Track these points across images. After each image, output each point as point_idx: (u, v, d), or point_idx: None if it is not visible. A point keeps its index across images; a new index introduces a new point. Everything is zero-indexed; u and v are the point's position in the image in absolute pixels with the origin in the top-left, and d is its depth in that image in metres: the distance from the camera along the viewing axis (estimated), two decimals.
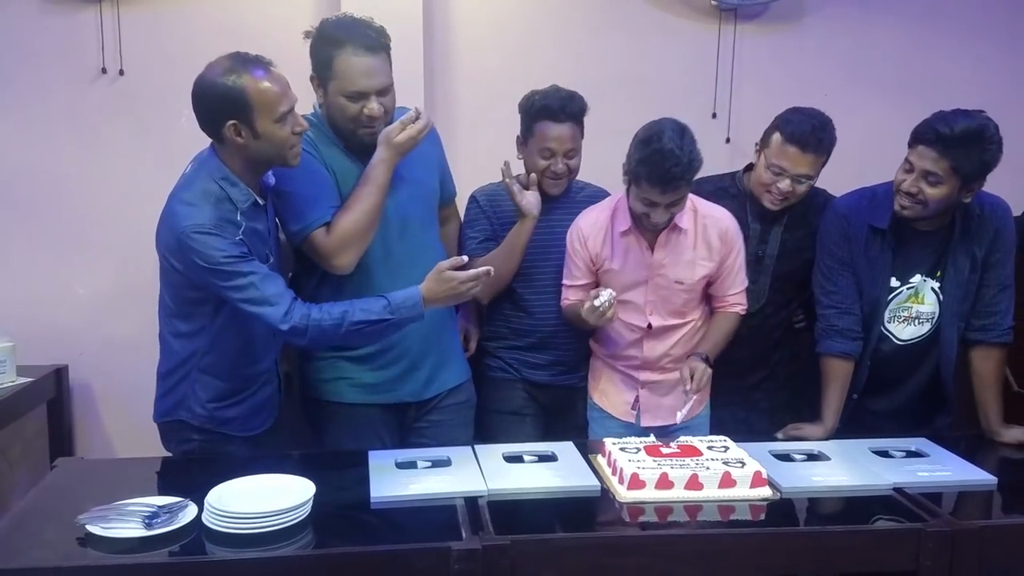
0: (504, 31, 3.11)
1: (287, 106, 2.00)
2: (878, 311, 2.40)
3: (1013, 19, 3.36)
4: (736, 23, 3.17)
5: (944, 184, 2.21)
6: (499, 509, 1.86)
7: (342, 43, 2.13)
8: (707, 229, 2.42)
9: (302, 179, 2.20)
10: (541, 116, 2.45)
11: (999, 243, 2.37)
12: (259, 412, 2.25)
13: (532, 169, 2.50)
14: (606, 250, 2.44)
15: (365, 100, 2.17)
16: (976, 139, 2.18)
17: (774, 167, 2.44)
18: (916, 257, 2.38)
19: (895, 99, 3.27)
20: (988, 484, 2.06)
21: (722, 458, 2.03)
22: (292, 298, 2.02)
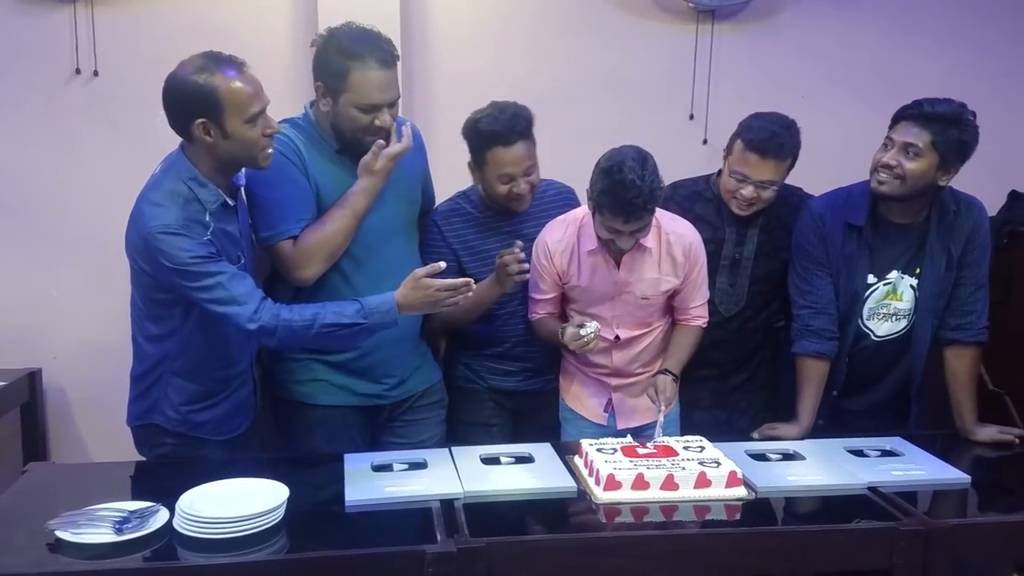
0: (482, 34, 3.11)
1: (259, 107, 1.99)
2: (856, 307, 2.42)
3: (988, 19, 3.39)
4: (713, 25, 3.17)
5: (923, 158, 2.26)
6: (475, 511, 1.86)
7: (360, 57, 2.13)
8: (671, 245, 2.42)
9: (277, 186, 2.19)
10: (491, 143, 2.35)
11: (975, 242, 2.39)
12: (234, 415, 2.23)
13: (493, 195, 2.45)
14: (572, 267, 2.44)
15: (377, 112, 2.17)
16: (956, 118, 2.27)
17: (736, 174, 2.45)
18: (893, 253, 2.40)
19: (872, 99, 3.27)
20: (962, 483, 2.07)
21: (698, 458, 2.04)
22: (261, 298, 2.01)
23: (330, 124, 2.24)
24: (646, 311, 2.49)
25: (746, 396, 2.72)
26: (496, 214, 2.50)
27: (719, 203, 2.58)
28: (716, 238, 2.55)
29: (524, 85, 2.55)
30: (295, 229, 2.20)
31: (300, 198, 2.22)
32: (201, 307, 2.00)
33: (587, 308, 2.49)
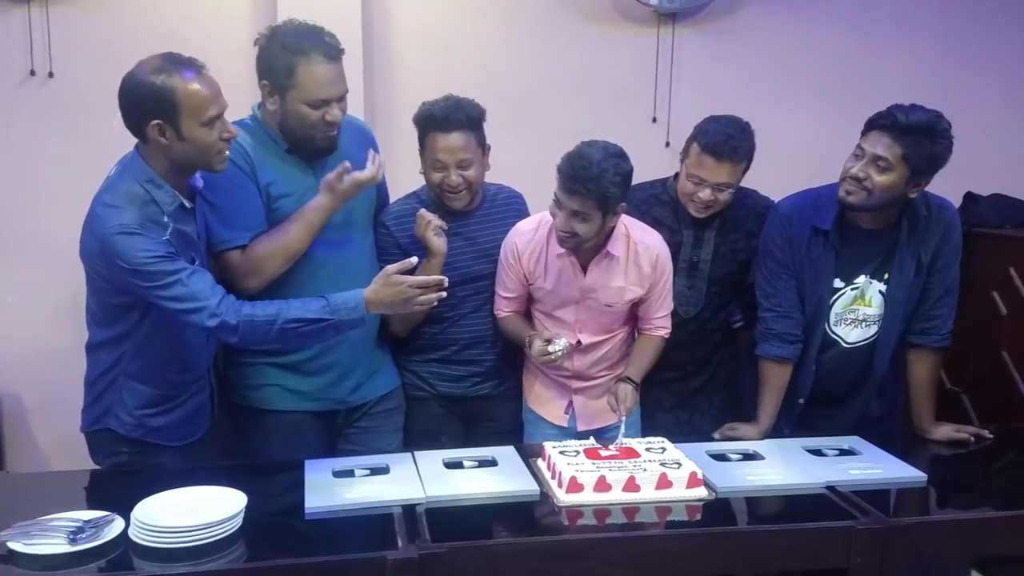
0: (444, 35, 3.10)
1: (216, 110, 1.97)
2: (822, 312, 2.41)
3: (945, 20, 3.44)
4: (674, 28, 3.20)
5: (892, 171, 2.21)
6: (437, 516, 1.85)
7: (306, 52, 2.12)
8: (639, 255, 2.44)
9: (227, 194, 2.17)
10: (429, 127, 2.37)
11: (946, 247, 2.36)
12: (190, 421, 2.20)
13: (428, 183, 2.45)
14: (539, 268, 2.44)
15: (327, 107, 2.16)
16: (930, 131, 2.20)
17: (693, 177, 2.46)
18: (861, 258, 2.38)
19: (831, 100, 3.34)
20: (918, 481, 2.10)
21: (659, 459, 2.05)
22: (223, 294, 1.98)
23: (278, 124, 2.21)
24: (609, 318, 2.50)
25: (707, 397, 2.75)
26: (448, 212, 2.48)
27: (676, 206, 2.60)
28: (674, 241, 2.57)
29: (486, 87, 2.55)
30: (244, 238, 2.18)
31: (250, 207, 2.20)
32: (160, 307, 1.96)
33: (552, 311, 2.50)
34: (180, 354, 2.13)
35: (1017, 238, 3.11)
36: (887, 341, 2.42)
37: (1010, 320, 3.05)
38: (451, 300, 2.50)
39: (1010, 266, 3.04)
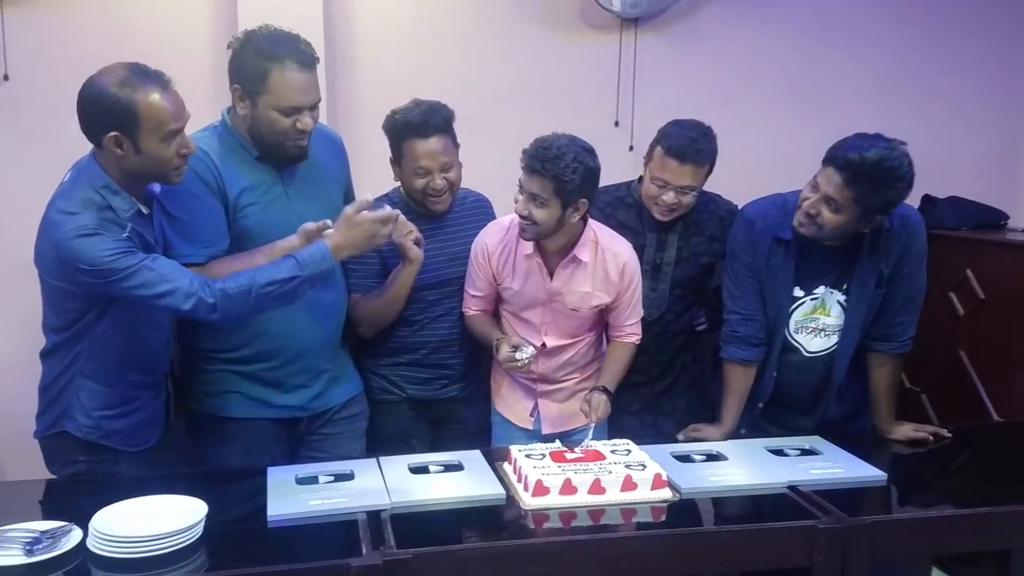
0: (406, 39, 3.09)
1: (177, 125, 1.94)
2: (782, 320, 2.42)
3: (901, 24, 3.51)
4: (636, 33, 3.22)
5: (843, 213, 2.19)
6: (402, 522, 1.84)
7: (279, 58, 2.09)
8: (606, 262, 2.45)
9: (187, 208, 2.14)
10: (407, 134, 2.37)
11: (907, 257, 2.36)
12: (145, 426, 2.16)
13: (410, 191, 2.45)
14: (507, 269, 2.45)
15: (298, 115, 2.14)
16: (887, 177, 2.13)
17: (657, 180, 2.49)
18: (821, 268, 2.38)
19: (790, 106, 3.38)
20: (878, 480, 2.13)
21: (624, 461, 2.06)
22: (191, 273, 1.96)
23: (248, 129, 2.19)
24: (575, 322, 2.51)
25: (672, 400, 2.77)
26: (420, 216, 2.48)
27: (640, 209, 2.62)
28: (637, 243, 2.59)
29: (449, 90, 2.54)
30: (199, 256, 2.15)
31: (210, 222, 2.17)
32: (132, 299, 1.92)
33: (519, 312, 2.51)
34: (139, 354, 2.10)
35: (973, 240, 3.17)
36: (846, 351, 2.43)
37: (967, 320, 3.11)
38: (421, 304, 2.51)
39: (967, 267, 3.10)
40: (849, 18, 3.46)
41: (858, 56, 3.47)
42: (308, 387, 2.36)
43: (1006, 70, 3.68)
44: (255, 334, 2.26)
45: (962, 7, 3.58)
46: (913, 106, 3.52)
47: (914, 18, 3.53)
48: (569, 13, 3.19)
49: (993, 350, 3.01)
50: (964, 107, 3.64)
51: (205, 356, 2.30)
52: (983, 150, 3.69)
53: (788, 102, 3.38)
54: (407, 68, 3.07)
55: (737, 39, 3.34)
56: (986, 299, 3.04)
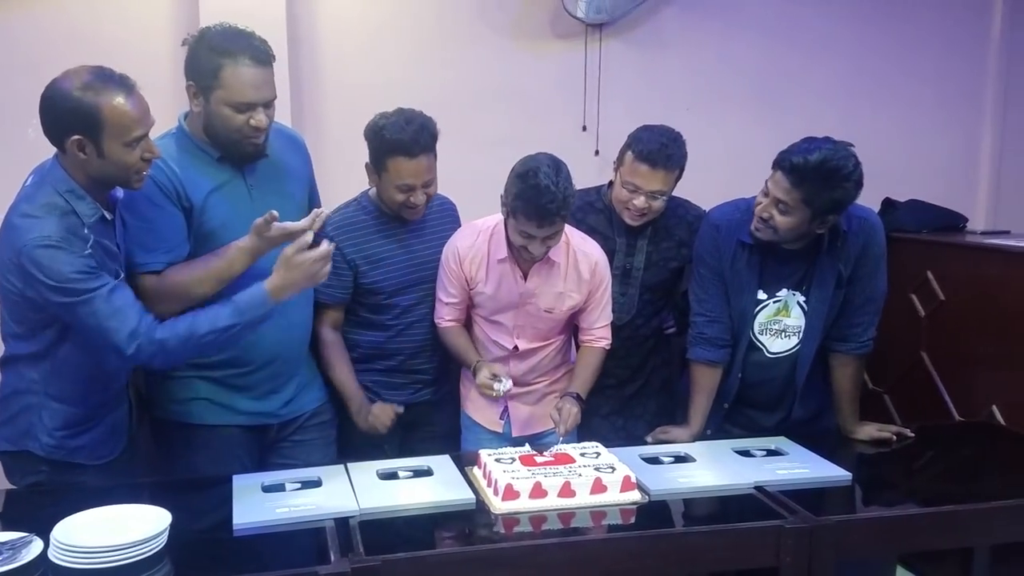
0: (374, 43, 3.08)
1: (141, 131, 1.92)
2: (746, 321, 2.45)
3: (862, 31, 3.57)
4: (601, 39, 3.24)
5: (793, 214, 2.23)
6: (371, 528, 1.82)
7: (232, 54, 2.07)
8: (578, 262, 2.46)
9: (145, 217, 2.11)
10: (395, 151, 2.33)
11: (865, 259, 2.39)
12: (109, 438, 2.12)
13: (388, 201, 2.42)
14: (480, 274, 2.45)
15: (252, 111, 2.11)
16: (831, 176, 2.18)
17: (628, 185, 2.50)
18: (782, 272, 2.41)
19: (753, 111, 3.42)
20: (843, 480, 2.15)
21: (594, 464, 2.06)
22: (140, 316, 1.92)
23: (203, 127, 2.16)
24: (547, 324, 2.51)
25: (642, 403, 2.78)
26: (392, 219, 2.48)
27: (610, 214, 2.63)
28: (607, 248, 2.60)
29: (415, 94, 2.53)
30: (157, 264, 2.12)
31: (169, 231, 2.14)
32: (79, 324, 1.90)
33: (491, 315, 2.50)
34: (102, 372, 2.06)
35: (934, 242, 3.22)
36: (808, 352, 2.46)
37: (928, 322, 3.16)
38: (395, 310, 2.50)
39: (927, 269, 3.15)
40: (811, 23, 3.51)
41: (820, 61, 3.52)
42: (278, 393, 2.34)
43: (965, 75, 3.76)
44: None
45: (921, 13, 3.65)
46: (874, 110, 3.58)
47: (875, 23, 3.59)
48: (535, 19, 3.20)
49: (954, 351, 3.06)
50: (924, 112, 3.71)
51: None
52: (943, 154, 3.76)
53: (752, 107, 3.42)
54: (373, 72, 3.06)
55: (701, 45, 3.38)
56: (946, 301, 3.09)
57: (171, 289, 2.12)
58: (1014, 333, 2.81)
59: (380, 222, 2.48)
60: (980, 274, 2.99)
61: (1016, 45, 3.78)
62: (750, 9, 3.44)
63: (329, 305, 2.47)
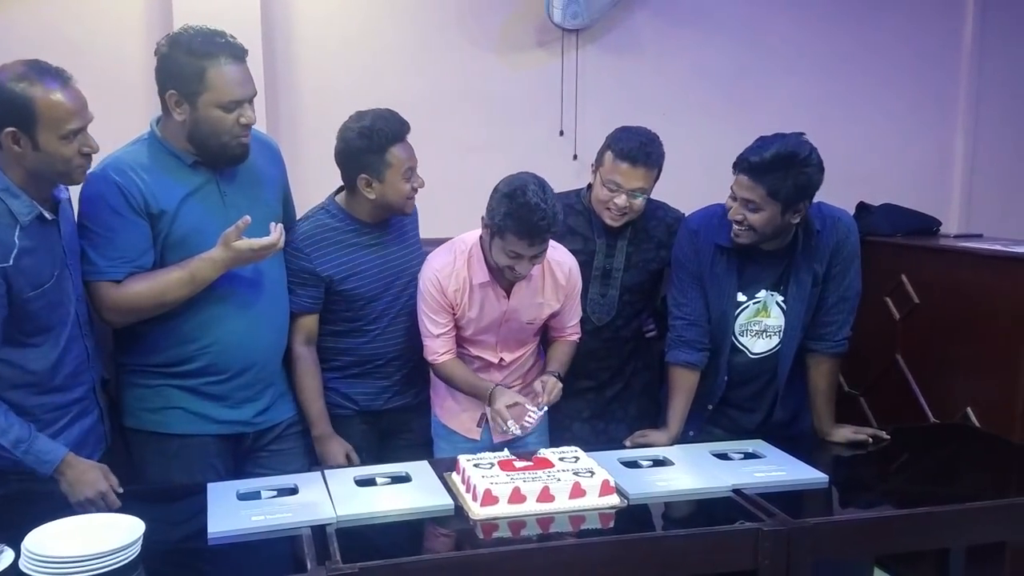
0: (350, 47, 3.08)
1: (78, 124, 1.90)
2: (727, 324, 2.47)
3: (833, 40, 3.61)
4: (578, 44, 3.25)
5: (763, 210, 2.27)
6: (349, 536, 1.81)
7: (213, 55, 2.05)
8: (554, 272, 2.47)
9: (106, 224, 2.09)
10: (390, 142, 2.33)
11: (838, 257, 2.43)
12: (79, 448, 2.06)
13: (396, 195, 2.39)
14: (464, 299, 2.42)
15: (240, 108, 2.10)
16: (788, 163, 2.23)
17: (609, 183, 2.51)
18: (761, 273, 2.45)
19: (728, 116, 3.45)
20: (820, 482, 2.16)
21: (572, 468, 2.06)
22: None
23: (187, 135, 2.14)
24: (527, 333, 2.53)
25: (623, 406, 2.79)
26: (363, 225, 2.46)
27: (590, 215, 2.64)
28: (587, 249, 2.61)
29: (393, 99, 2.52)
30: (117, 273, 2.10)
31: (129, 241, 2.11)
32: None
33: (474, 335, 2.48)
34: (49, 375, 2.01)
35: (907, 246, 3.25)
36: (788, 352, 2.49)
37: (903, 325, 3.19)
38: (372, 314, 2.48)
39: (902, 273, 3.18)
40: (785, 30, 3.55)
41: (794, 67, 3.56)
42: (254, 402, 2.31)
43: (937, 81, 3.81)
44: (201, 348, 2.21)
45: (894, 20, 3.70)
46: (848, 116, 3.62)
47: (848, 30, 3.63)
48: (513, 25, 3.21)
49: (928, 353, 3.09)
50: (897, 117, 3.75)
51: (145, 371, 2.24)
52: (916, 159, 3.81)
53: (726, 112, 3.45)
54: (349, 77, 3.06)
55: (676, 51, 3.40)
56: (920, 304, 3.12)
57: (129, 299, 2.10)
58: (988, 335, 2.84)
59: (351, 229, 2.46)
60: (954, 277, 3.02)
61: (987, 51, 3.84)
62: (724, 16, 3.47)
63: (302, 314, 2.44)
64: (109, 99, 2.27)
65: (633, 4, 3.34)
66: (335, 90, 3.01)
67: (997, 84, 3.90)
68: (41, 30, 2.77)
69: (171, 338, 2.21)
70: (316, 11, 3.04)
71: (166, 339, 2.20)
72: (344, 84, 3.03)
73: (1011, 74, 3.93)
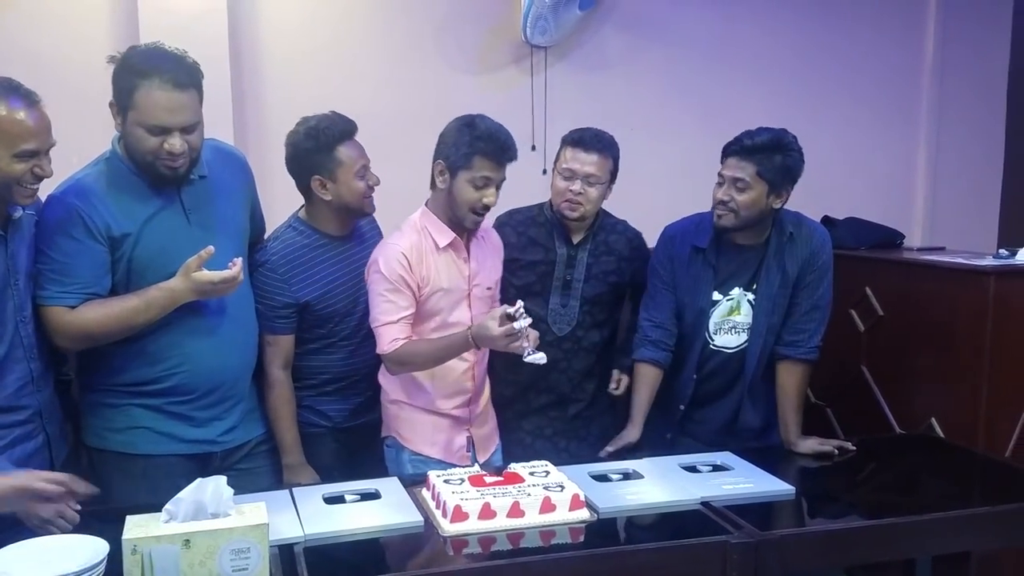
0: (319, 60, 3.08)
1: (34, 145, 1.88)
2: (703, 321, 2.58)
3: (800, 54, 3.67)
4: (547, 60, 3.27)
5: (751, 189, 2.42)
6: (317, 555, 1.79)
7: (147, 75, 2.02)
8: (489, 233, 2.57)
9: (62, 249, 2.06)
10: (339, 140, 2.38)
11: (812, 265, 2.53)
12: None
13: (353, 195, 2.40)
14: (430, 270, 2.38)
15: (166, 135, 2.05)
16: (776, 146, 2.43)
17: (564, 171, 2.59)
18: (735, 272, 2.57)
19: (695, 130, 3.48)
20: (788, 494, 2.17)
21: (543, 483, 2.05)
22: None
23: (125, 147, 2.12)
24: (488, 306, 2.51)
25: (586, 425, 2.79)
26: (331, 240, 2.46)
27: (551, 227, 2.69)
28: (548, 259, 2.66)
29: (363, 112, 2.52)
30: (70, 299, 2.07)
31: (85, 267, 2.08)
32: None
33: (447, 318, 2.42)
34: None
35: (872, 259, 3.30)
36: (755, 349, 2.57)
37: (868, 336, 3.23)
38: (346, 330, 2.47)
39: (866, 285, 3.22)
40: (750, 45, 3.60)
41: (760, 81, 3.60)
42: (221, 420, 2.28)
43: (900, 96, 3.88)
44: (169, 369, 2.18)
45: (858, 35, 3.76)
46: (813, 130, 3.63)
47: (813, 45, 3.70)
48: (484, 41, 3.23)
49: (893, 365, 3.13)
50: (861, 132, 3.82)
51: (110, 391, 2.21)
52: (880, 173, 3.88)
53: (693, 126, 3.49)
54: (318, 89, 3.06)
55: (644, 66, 3.44)
56: (885, 316, 3.16)
57: (81, 325, 2.07)
58: (951, 347, 2.88)
59: (320, 245, 2.45)
60: (917, 289, 3.07)
61: (949, 66, 3.91)
62: (691, 32, 3.51)
63: (278, 336, 2.42)
64: (73, 113, 2.25)
65: (601, 21, 3.38)
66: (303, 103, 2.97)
67: (959, 99, 3.98)
68: (3, 42, 2.74)
69: (137, 358, 2.18)
70: (285, 24, 3.04)
71: (132, 359, 2.17)
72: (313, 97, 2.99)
73: (973, 88, 4.01)
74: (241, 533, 1.65)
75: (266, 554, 1.67)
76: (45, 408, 2.12)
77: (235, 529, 1.65)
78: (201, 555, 1.63)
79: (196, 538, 1.63)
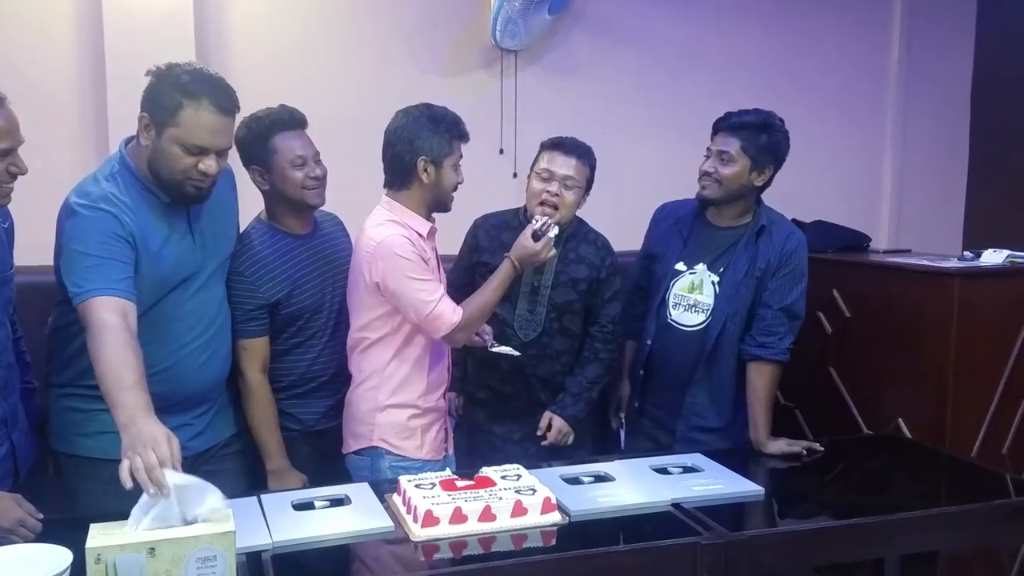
0: (286, 61, 3.06)
1: (7, 144, 1.87)
2: (664, 287, 2.69)
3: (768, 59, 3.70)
4: (517, 64, 3.27)
5: (736, 163, 2.55)
6: (285, 562, 1.77)
7: (196, 96, 2.00)
8: None
9: (95, 242, 2.00)
10: (275, 130, 2.38)
11: (784, 267, 2.58)
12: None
13: (288, 185, 2.38)
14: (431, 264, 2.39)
15: (203, 156, 2.05)
16: (762, 125, 2.58)
17: (543, 172, 2.61)
18: (704, 248, 2.66)
19: (665, 135, 3.50)
20: (757, 495, 2.19)
21: (514, 487, 2.05)
22: None
23: (147, 160, 2.08)
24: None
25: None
26: (295, 238, 2.46)
27: None
28: None
29: (331, 115, 2.53)
30: (114, 289, 1.98)
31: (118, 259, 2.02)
32: None
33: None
34: None
35: (839, 262, 3.33)
36: (713, 330, 2.61)
37: (835, 338, 3.26)
38: (313, 328, 2.45)
39: (833, 288, 3.25)
40: (718, 48, 3.63)
41: (728, 85, 3.63)
42: (191, 425, 2.25)
43: (866, 100, 3.93)
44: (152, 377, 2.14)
45: (825, 40, 3.81)
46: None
47: (781, 50, 3.73)
48: (453, 44, 3.22)
49: (860, 366, 3.16)
50: (828, 136, 3.86)
51: (82, 395, 2.16)
52: (846, 176, 3.92)
53: (662, 129, 3.51)
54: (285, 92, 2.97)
55: (613, 70, 3.46)
56: (852, 318, 3.20)
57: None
58: (917, 348, 2.92)
59: (285, 244, 2.43)
60: (884, 291, 3.10)
61: (914, 71, 3.97)
62: (659, 36, 3.53)
63: (253, 340, 2.39)
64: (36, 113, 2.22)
65: (571, 25, 3.39)
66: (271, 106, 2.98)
67: (924, 102, 4.04)
68: None
69: None
70: (252, 27, 3.02)
71: None
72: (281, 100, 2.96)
73: (937, 92, 4.07)
74: (207, 541, 1.63)
75: (233, 562, 1.64)
76: (10, 416, 2.08)
77: (201, 537, 1.63)
78: (167, 563, 1.60)
79: (161, 546, 1.61)
